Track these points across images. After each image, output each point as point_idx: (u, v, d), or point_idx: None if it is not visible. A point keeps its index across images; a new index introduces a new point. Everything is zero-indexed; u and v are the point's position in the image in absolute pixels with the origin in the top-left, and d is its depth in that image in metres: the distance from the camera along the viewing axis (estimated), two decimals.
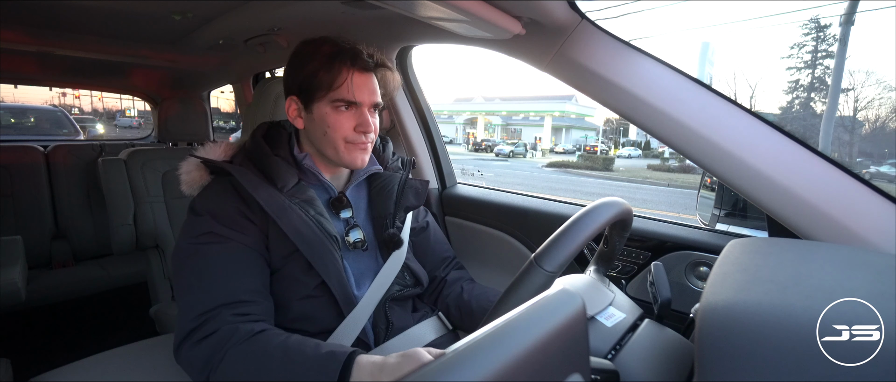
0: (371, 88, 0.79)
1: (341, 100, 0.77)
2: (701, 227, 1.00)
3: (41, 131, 5.56)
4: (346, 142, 0.79)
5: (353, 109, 0.78)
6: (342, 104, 0.77)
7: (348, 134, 0.78)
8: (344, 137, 0.78)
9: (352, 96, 0.77)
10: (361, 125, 0.78)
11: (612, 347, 0.58)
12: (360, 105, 0.78)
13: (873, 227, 0.61)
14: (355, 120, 0.78)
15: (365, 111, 0.78)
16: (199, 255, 0.73)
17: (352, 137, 0.78)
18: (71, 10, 1.22)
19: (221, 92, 8.81)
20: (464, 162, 17.73)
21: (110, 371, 0.96)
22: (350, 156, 0.80)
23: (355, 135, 0.79)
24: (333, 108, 0.77)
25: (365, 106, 0.79)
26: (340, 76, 0.76)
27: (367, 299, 0.80)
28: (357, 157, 0.80)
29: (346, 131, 0.78)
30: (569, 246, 0.54)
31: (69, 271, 2.02)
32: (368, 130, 0.79)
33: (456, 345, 0.30)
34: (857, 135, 22.03)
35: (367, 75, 0.79)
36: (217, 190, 0.79)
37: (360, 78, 0.78)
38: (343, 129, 0.78)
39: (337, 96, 0.76)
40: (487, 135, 36.04)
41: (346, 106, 0.78)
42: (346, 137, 0.78)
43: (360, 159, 0.80)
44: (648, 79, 0.76)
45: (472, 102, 40.36)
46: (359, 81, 0.77)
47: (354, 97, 0.77)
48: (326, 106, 0.78)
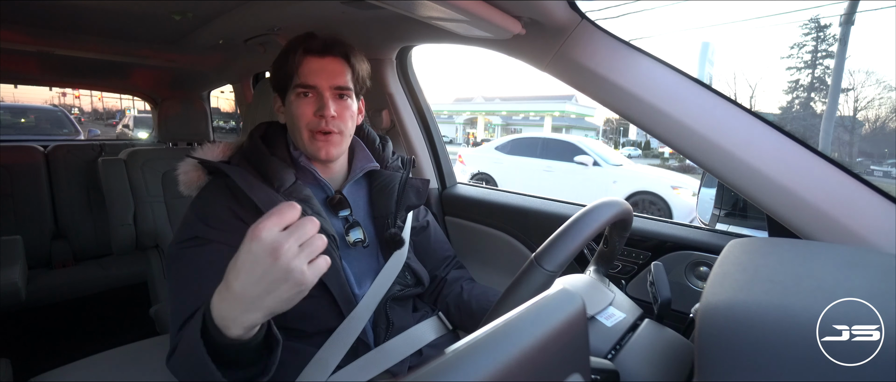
0: (329, 71, 0.80)
1: (300, 86, 0.79)
2: (701, 227, 1.00)
3: (41, 131, 5.57)
4: (310, 130, 0.79)
5: (313, 94, 0.80)
6: (303, 90, 0.79)
7: (310, 120, 0.79)
8: (307, 125, 0.79)
9: (307, 80, 0.79)
10: (319, 109, 0.78)
11: (612, 347, 0.58)
12: (317, 88, 0.79)
13: (873, 227, 0.61)
14: (315, 104, 0.79)
15: (324, 95, 0.79)
16: (184, 259, 0.73)
17: (313, 123, 0.79)
18: (71, 10, 1.22)
19: (221, 92, 8.82)
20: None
21: (110, 371, 0.96)
22: (313, 146, 0.80)
23: (316, 120, 0.79)
24: (296, 96, 0.80)
25: (323, 89, 0.79)
26: (296, 63, 0.79)
27: (367, 298, 0.80)
28: (320, 148, 0.80)
29: (307, 117, 0.79)
30: (569, 246, 0.54)
31: (69, 271, 2.02)
32: (326, 114, 0.78)
33: (456, 345, 0.30)
34: (857, 135, 22.03)
35: (322, 59, 0.80)
36: (212, 191, 0.79)
37: (315, 62, 0.79)
38: (305, 115, 0.79)
39: (297, 82, 0.79)
40: (487, 135, 36.04)
41: (307, 92, 0.79)
42: (309, 124, 0.79)
43: (325, 150, 0.80)
44: (648, 79, 0.76)
45: (472, 102, 40.32)
46: (314, 66, 0.79)
47: (310, 81, 0.79)
48: (292, 95, 0.80)
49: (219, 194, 0.78)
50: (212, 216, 0.75)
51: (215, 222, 0.75)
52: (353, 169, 0.88)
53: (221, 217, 0.75)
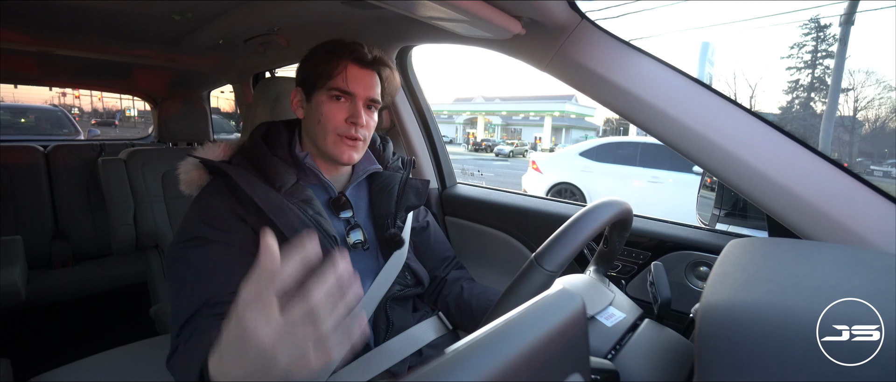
0: (368, 82, 0.81)
1: (337, 89, 0.79)
2: (701, 227, 1.00)
3: (41, 131, 5.56)
4: (337, 134, 0.80)
5: (348, 100, 0.80)
6: (337, 94, 0.79)
7: (340, 125, 0.79)
8: (335, 128, 0.80)
9: (346, 86, 0.79)
10: (353, 117, 0.79)
11: (612, 347, 0.58)
12: (353, 96, 0.80)
13: (873, 227, 0.61)
14: (348, 111, 0.80)
15: (358, 103, 0.80)
16: (185, 260, 0.73)
17: (343, 128, 0.79)
18: (71, 10, 1.22)
19: (221, 92, 8.83)
20: (463, 162, 17.71)
21: (110, 371, 0.96)
22: (337, 149, 0.80)
23: (346, 126, 0.79)
24: (329, 97, 0.80)
25: (359, 98, 0.80)
26: (338, 67, 0.79)
27: (367, 298, 0.80)
28: (344, 152, 0.80)
29: (337, 122, 0.79)
30: (569, 246, 0.54)
31: (69, 271, 2.02)
32: (358, 123, 0.79)
33: (456, 345, 0.30)
34: (857, 135, 22.03)
35: (364, 70, 0.81)
36: (213, 191, 0.79)
37: (357, 71, 0.80)
38: (335, 119, 0.79)
39: (333, 85, 0.79)
40: (487, 135, 36.05)
41: (341, 96, 0.80)
42: (338, 128, 0.80)
43: (347, 154, 0.81)
44: (648, 79, 0.76)
45: (472, 102, 40.34)
46: (355, 73, 0.80)
47: (349, 87, 0.79)
48: (323, 95, 0.80)
49: (220, 194, 0.78)
50: (213, 217, 0.75)
51: (216, 222, 0.75)
52: (357, 171, 0.89)
53: (223, 217, 0.75)
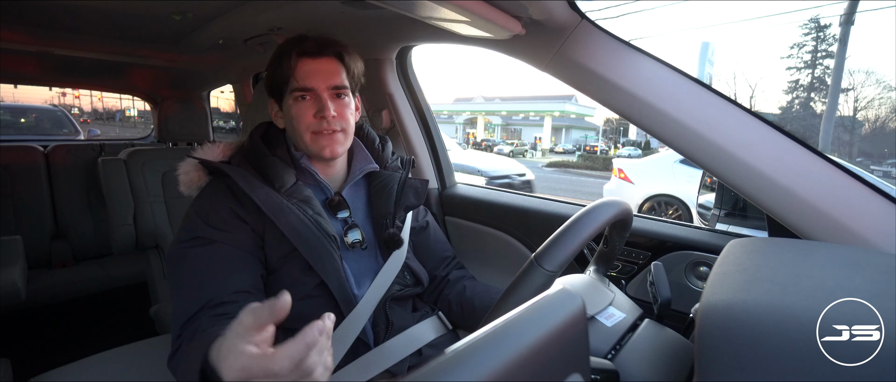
0: (325, 71, 0.80)
1: (297, 89, 0.79)
2: (701, 227, 1.00)
3: (41, 131, 5.56)
4: (312, 132, 0.79)
5: (311, 96, 0.79)
6: (300, 93, 0.79)
7: (311, 122, 0.79)
8: (307, 127, 0.79)
9: (304, 83, 0.78)
10: (319, 111, 0.78)
11: (612, 347, 0.58)
12: (314, 91, 0.79)
13: (873, 227, 0.61)
14: (314, 106, 0.79)
15: (323, 96, 0.79)
16: (186, 260, 0.73)
17: (314, 125, 0.79)
18: (71, 10, 1.22)
19: (221, 92, 8.81)
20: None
21: (110, 371, 0.96)
22: (317, 146, 0.80)
23: (316, 122, 0.79)
24: (295, 99, 0.80)
25: (321, 91, 0.79)
26: (291, 67, 0.79)
27: (367, 298, 0.80)
28: (324, 147, 0.80)
29: (308, 120, 0.79)
30: (569, 246, 0.54)
31: (69, 271, 2.02)
32: (326, 116, 0.78)
33: (456, 345, 0.30)
34: (857, 135, 22.03)
35: (317, 60, 0.80)
36: (213, 191, 0.79)
37: (310, 64, 0.79)
38: (305, 118, 0.79)
39: (294, 86, 0.79)
40: (487, 135, 36.03)
41: (304, 95, 0.79)
42: (310, 126, 0.79)
43: (329, 148, 0.80)
44: (648, 79, 0.76)
45: (472, 102, 40.29)
46: (309, 68, 0.79)
47: (306, 83, 0.78)
48: (289, 99, 0.80)
49: (220, 194, 0.78)
50: (213, 217, 0.75)
51: (217, 222, 0.75)
52: (353, 171, 0.88)
53: (223, 217, 0.75)
